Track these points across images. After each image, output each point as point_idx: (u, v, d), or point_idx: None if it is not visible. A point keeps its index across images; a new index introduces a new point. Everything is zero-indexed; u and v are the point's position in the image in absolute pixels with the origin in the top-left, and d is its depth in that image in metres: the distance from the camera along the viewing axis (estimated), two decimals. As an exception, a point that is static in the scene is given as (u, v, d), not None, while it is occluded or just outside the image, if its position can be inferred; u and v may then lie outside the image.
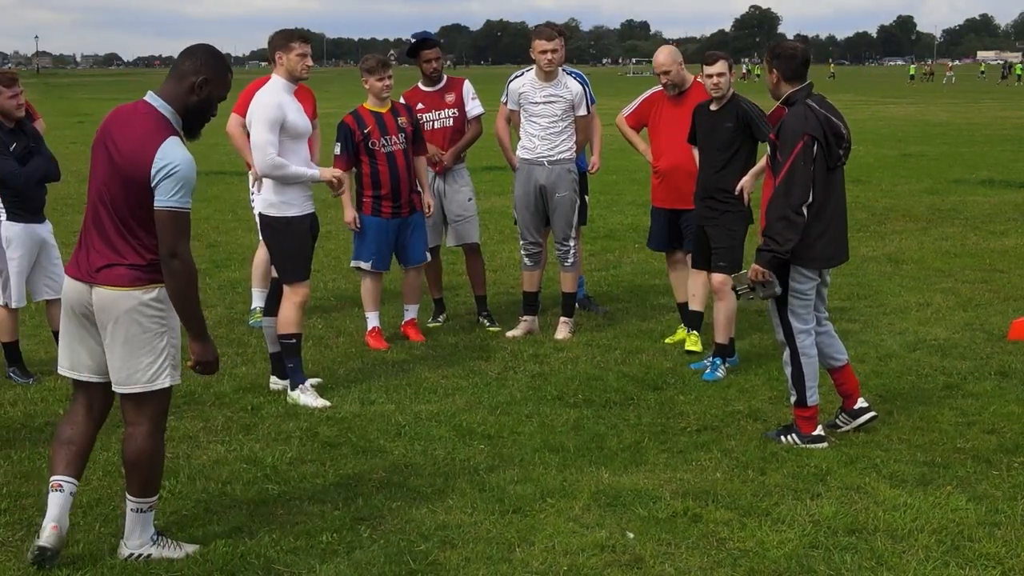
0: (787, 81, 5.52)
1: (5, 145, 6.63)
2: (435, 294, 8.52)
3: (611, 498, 4.93)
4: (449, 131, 8.18)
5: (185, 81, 4.25)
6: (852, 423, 5.79)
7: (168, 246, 4.13)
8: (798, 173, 5.34)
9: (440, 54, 8.25)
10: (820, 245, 5.50)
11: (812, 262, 5.53)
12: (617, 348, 7.60)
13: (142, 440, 4.25)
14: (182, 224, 4.14)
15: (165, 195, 4.10)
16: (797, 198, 5.34)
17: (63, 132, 26.43)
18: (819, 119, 5.39)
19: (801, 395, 5.63)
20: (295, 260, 6.42)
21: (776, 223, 5.38)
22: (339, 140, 7.52)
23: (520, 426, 5.96)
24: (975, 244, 11.62)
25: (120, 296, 4.16)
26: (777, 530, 4.59)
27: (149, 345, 4.20)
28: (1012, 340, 7.63)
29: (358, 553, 4.40)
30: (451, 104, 8.20)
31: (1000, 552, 4.39)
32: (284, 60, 6.41)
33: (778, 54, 5.53)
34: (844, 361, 5.82)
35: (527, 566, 4.29)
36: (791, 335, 5.60)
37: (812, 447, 5.57)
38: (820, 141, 5.37)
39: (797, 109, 5.45)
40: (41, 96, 49.67)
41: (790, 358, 5.62)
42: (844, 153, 5.54)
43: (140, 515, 4.32)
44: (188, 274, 4.17)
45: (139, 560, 4.30)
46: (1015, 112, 37.19)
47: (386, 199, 7.53)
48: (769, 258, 5.42)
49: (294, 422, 6.04)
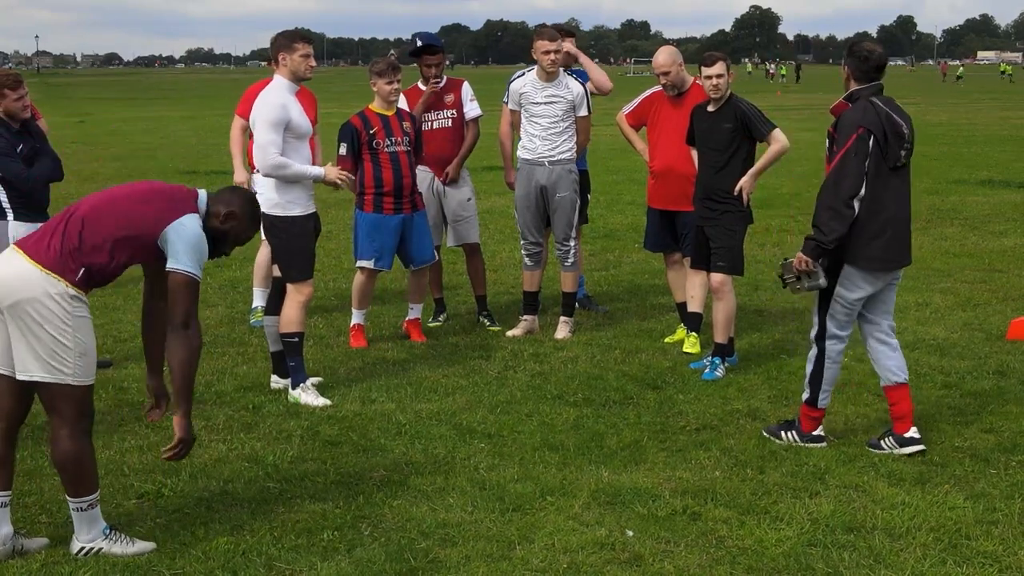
0: (856, 80, 5.46)
1: (12, 146, 6.64)
2: (435, 293, 8.52)
3: (611, 496, 4.96)
4: (448, 132, 8.18)
5: (219, 204, 4.47)
6: (900, 449, 5.47)
7: (183, 315, 4.27)
8: (849, 164, 5.24)
9: (443, 59, 8.25)
10: (876, 246, 5.37)
11: (867, 262, 5.39)
12: (617, 347, 7.62)
13: (64, 443, 4.26)
14: (197, 292, 4.31)
15: (181, 260, 4.25)
16: (847, 190, 5.24)
17: (64, 132, 26.44)
18: (879, 115, 5.30)
19: (814, 394, 5.60)
20: (299, 259, 6.45)
21: (823, 212, 5.31)
22: (344, 141, 7.51)
23: (520, 425, 5.99)
24: (974, 244, 11.65)
25: (37, 275, 4.14)
26: (776, 528, 4.62)
27: (56, 334, 4.15)
28: (1010, 340, 7.66)
29: (359, 551, 4.42)
30: (450, 105, 8.19)
31: (997, 550, 4.41)
32: (287, 60, 6.42)
33: (853, 52, 5.48)
34: (903, 379, 5.59)
35: (527, 564, 4.32)
36: (823, 336, 5.55)
37: (811, 446, 5.57)
38: (877, 136, 5.27)
39: (858, 104, 5.38)
40: (42, 96, 49.69)
41: (815, 358, 5.59)
42: (906, 154, 5.42)
43: (82, 513, 4.35)
44: (199, 346, 4.34)
45: (90, 554, 4.34)
46: (1015, 112, 37.20)
47: (388, 196, 7.53)
48: (814, 247, 5.33)
49: (295, 421, 6.06)
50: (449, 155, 8.16)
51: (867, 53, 5.45)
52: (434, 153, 8.10)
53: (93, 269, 4.23)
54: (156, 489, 5.07)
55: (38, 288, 4.13)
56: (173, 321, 4.27)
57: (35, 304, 4.12)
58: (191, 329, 4.27)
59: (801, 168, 18.25)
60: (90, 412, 4.34)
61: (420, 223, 7.73)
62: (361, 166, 7.56)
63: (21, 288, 4.13)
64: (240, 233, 4.54)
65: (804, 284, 5.46)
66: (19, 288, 4.13)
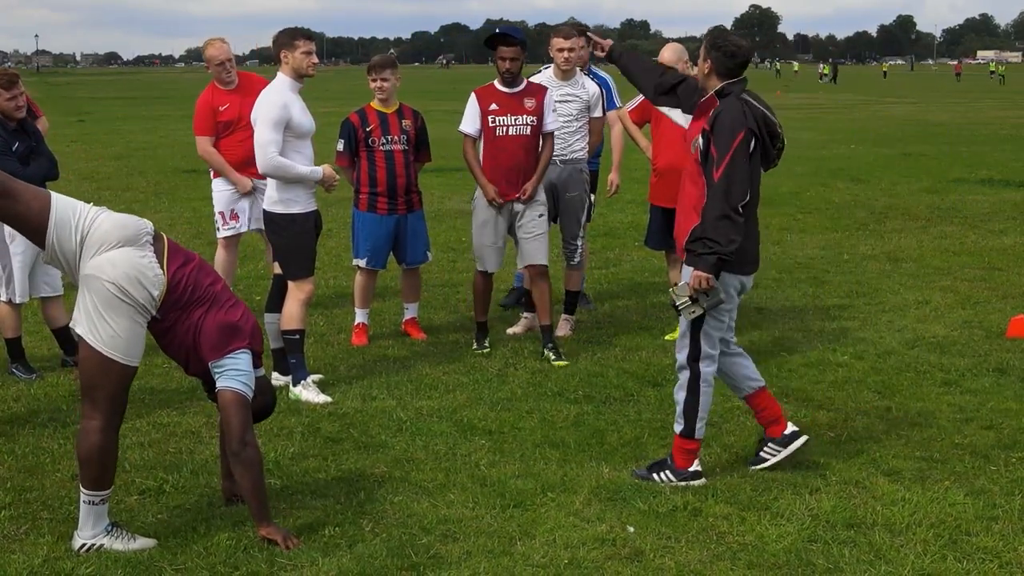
0: (719, 76, 5.12)
1: (7, 145, 6.64)
2: (479, 316, 7.66)
3: (611, 492, 4.97)
4: (526, 140, 7.26)
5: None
6: (783, 452, 5.24)
7: (239, 436, 4.38)
8: (737, 170, 4.91)
9: (520, 54, 7.25)
10: (750, 247, 5.12)
11: (745, 266, 5.11)
12: (617, 345, 7.63)
13: (94, 435, 4.29)
14: (249, 409, 4.44)
15: (236, 378, 4.40)
16: (737, 196, 4.90)
17: (63, 131, 26.41)
18: (756, 116, 5.01)
19: (690, 424, 5.14)
20: (300, 256, 6.45)
21: (718, 222, 4.89)
22: (341, 137, 7.53)
23: (521, 422, 6.00)
24: (974, 243, 11.66)
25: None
26: (776, 524, 4.63)
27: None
28: (1010, 337, 7.67)
29: (360, 546, 4.43)
30: (531, 111, 7.26)
31: (997, 546, 4.42)
32: (289, 58, 6.41)
33: (719, 46, 5.11)
34: (761, 384, 5.36)
35: (528, 559, 4.32)
36: (696, 359, 5.11)
37: (689, 484, 5.08)
38: (758, 138, 5.00)
39: (732, 103, 5.02)
40: (41, 95, 49.65)
41: (688, 384, 5.14)
42: (778, 154, 5.19)
43: (93, 507, 4.38)
44: (261, 460, 4.48)
45: (92, 551, 4.35)
46: (1015, 112, 37.20)
47: (382, 196, 7.51)
48: (714, 261, 4.90)
49: (296, 418, 6.07)
50: (524, 166, 7.28)
51: (735, 49, 5.12)
52: (506, 163, 7.27)
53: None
54: (158, 485, 5.08)
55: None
56: (230, 448, 4.43)
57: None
58: (249, 447, 4.40)
59: (801, 167, 18.28)
60: (121, 406, 4.41)
61: (415, 223, 7.68)
62: (358, 164, 7.56)
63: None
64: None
65: (703, 303, 5.01)
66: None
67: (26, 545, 4.45)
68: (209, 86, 8.10)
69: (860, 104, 43.83)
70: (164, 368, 6.87)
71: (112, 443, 4.35)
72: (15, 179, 4.36)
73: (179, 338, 4.43)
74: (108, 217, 4.32)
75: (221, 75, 7.98)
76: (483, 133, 7.30)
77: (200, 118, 8.02)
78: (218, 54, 7.96)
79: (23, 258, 6.85)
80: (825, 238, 12.00)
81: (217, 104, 7.96)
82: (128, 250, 4.25)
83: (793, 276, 9.90)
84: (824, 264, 10.48)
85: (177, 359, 4.58)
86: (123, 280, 4.20)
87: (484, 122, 7.27)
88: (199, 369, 4.52)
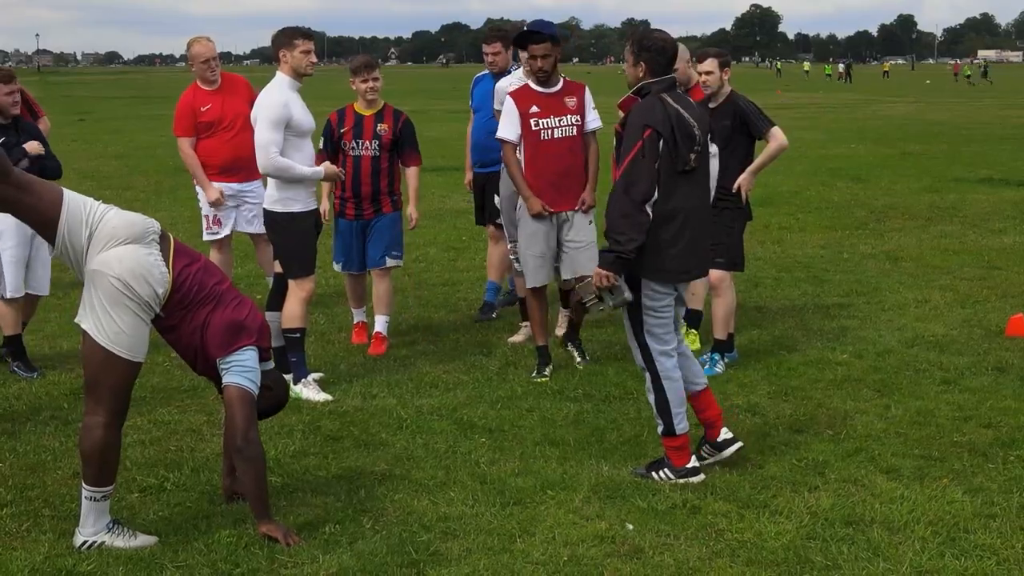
0: (651, 73, 5.04)
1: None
2: (539, 340, 7.00)
3: (611, 490, 4.98)
4: (573, 142, 6.81)
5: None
6: (717, 455, 5.24)
7: (243, 431, 4.40)
8: (639, 167, 4.84)
9: (551, 50, 6.72)
10: (670, 255, 4.99)
11: (663, 274, 5.02)
12: (617, 343, 7.63)
13: (98, 431, 4.32)
14: (254, 406, 4.47)
15: (241, 374, 4.44)
16: (638, 193, 4.83)
17: (63, 130, 26.41)
18: (669, 114, 4.91)
19: (668, 424, 5.11)
20: (300, 255, 6.47)
21: (618, 221, 4.86)
22: (323, 135, 7.44)
23: (521, 420, 6.01)
24: (974, 242, 11.67)
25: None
26: (775, 521, 4.64)
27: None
28: (1009, 336, 7.68)
29: (360, 544, 4.45)
30: (573, 110, 6.81)
31: (995, 543, 4.44)
32: (288, 58, 6.42)
33: (647, 47, 5.04)
34: (703, 385, 5.28)
35: (528, 557, 4.34)
36: (650, 358, 5.08)
37: (688, 480, 5.07)
38: (665, 137, 4.89)
39: (648, 101, 4.98)
40: (42, 94, 49.65)
41: (652, 383, 5.10)
42: (695, 157, 5.03)
43: (94, 503, 4.39)
44: (264, 457, 4.50)
45: (93, 548, 4.36)
46: (1015, 112, 37.20)
47: (349, 201, 7.42)
48: (612, 259, 4.87)
49: (297, 416, 6.09)
50: (573, 170, 6.85)
51: (663, 44, 5.04)
52: (553, 168, 6.79)
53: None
54: (159, 483, 5.10)
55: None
56: (234, 445, 4.45)
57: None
58: (252, 444, 4.41)
59: (801, 167, 18.29)
60: (125, 404, 4.44)
61: (380, 226, 7.42)
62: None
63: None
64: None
65: (608, 302, 4.99)
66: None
67: (28, 542, 4.47)
68: (191, 86, 8.12)
69: (860, 103, 43.83)
70: (165, 366, 6.89)
71: (115, 439, 4.37)
72: (27, 172, 4.41)
73: (185, 338, 4.46)
74: (117, 214, 4.35)
75: (205, 73, 8.00)
76: (524, 138, 6.77)
77: (180, 118, 8.04)
78: (203, 51, 7.99)
79: (14, 252, 6.83)
80: (825, 237, 12.02)
81: (198, 105, 7.97)
82: (135, 247, 4.27)
83: (793, 275, 9.92)
84: (824, 263, 10.50)
85: (185, 358, 4.61)
86: (129, 276, 4.23)
87: (526, 126, 6.76)
88: (207, 368, 4.55)
